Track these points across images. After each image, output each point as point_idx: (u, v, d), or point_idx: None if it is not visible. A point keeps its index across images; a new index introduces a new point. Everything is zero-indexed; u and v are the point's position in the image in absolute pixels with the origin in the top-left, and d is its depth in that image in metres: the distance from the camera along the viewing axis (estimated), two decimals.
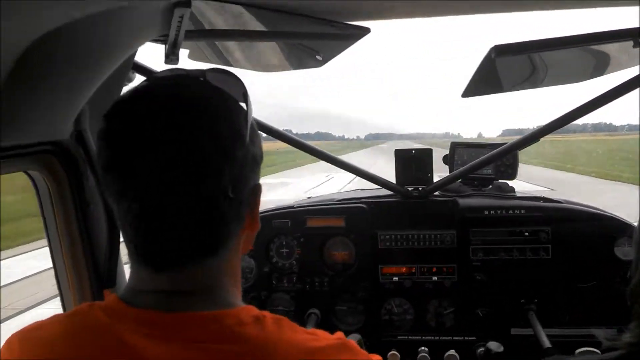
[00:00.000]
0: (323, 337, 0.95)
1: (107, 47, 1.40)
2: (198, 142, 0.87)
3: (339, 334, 1.00)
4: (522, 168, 2.76)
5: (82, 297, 1.68)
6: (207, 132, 0.88)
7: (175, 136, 0.86)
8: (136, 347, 0.85)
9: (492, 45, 1.80)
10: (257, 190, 1.02)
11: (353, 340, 2.24)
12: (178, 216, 0.88)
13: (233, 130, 0.92)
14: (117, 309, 0.91)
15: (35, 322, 0.97)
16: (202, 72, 1.01)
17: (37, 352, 0.90)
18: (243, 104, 1.01)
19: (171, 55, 1.63)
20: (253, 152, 0.98)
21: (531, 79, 2.27)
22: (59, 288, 1.71)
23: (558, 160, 41.43)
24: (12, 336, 0.96)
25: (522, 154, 2.73)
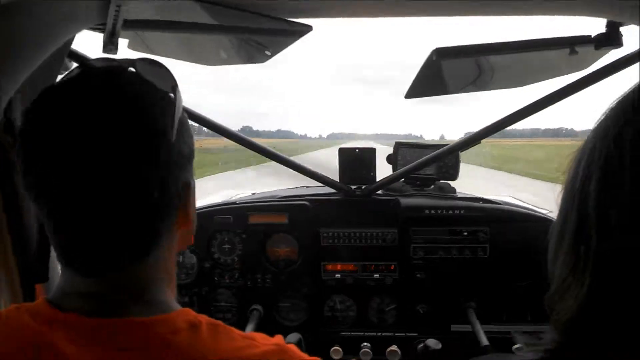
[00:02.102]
0: (261, 343, 0.93)
1: (40, 33, 1.35)
2: (118, 143, 0.83)
3: (278, 338, 0.99)
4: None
5: (13, 293, 1.59)
6: (127, 132, 0.84)
7: (92, 138, 0.82)
8: (65, 354, 0.82)
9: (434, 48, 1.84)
10: (186, 188, 0.98)
11: (293, 339, 2.25)
12: (101, 222, 0.84)
13: (157, 128, 0.88)
14: (45, 313, 0.88)
15: None
16: (131, 62, 0.95)
17: None
18: (172, 95, 0.96)
19: (109, 45, 1.58)
20: (180, 150, 0.94)
21: (475, 82, 2.32)
22: None
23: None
24: None
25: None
